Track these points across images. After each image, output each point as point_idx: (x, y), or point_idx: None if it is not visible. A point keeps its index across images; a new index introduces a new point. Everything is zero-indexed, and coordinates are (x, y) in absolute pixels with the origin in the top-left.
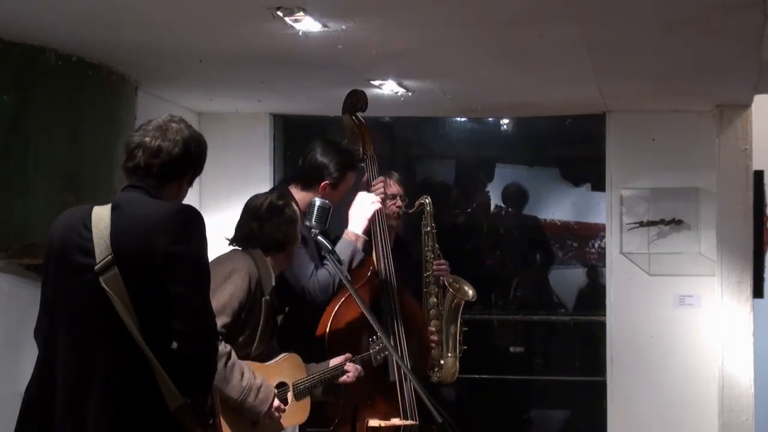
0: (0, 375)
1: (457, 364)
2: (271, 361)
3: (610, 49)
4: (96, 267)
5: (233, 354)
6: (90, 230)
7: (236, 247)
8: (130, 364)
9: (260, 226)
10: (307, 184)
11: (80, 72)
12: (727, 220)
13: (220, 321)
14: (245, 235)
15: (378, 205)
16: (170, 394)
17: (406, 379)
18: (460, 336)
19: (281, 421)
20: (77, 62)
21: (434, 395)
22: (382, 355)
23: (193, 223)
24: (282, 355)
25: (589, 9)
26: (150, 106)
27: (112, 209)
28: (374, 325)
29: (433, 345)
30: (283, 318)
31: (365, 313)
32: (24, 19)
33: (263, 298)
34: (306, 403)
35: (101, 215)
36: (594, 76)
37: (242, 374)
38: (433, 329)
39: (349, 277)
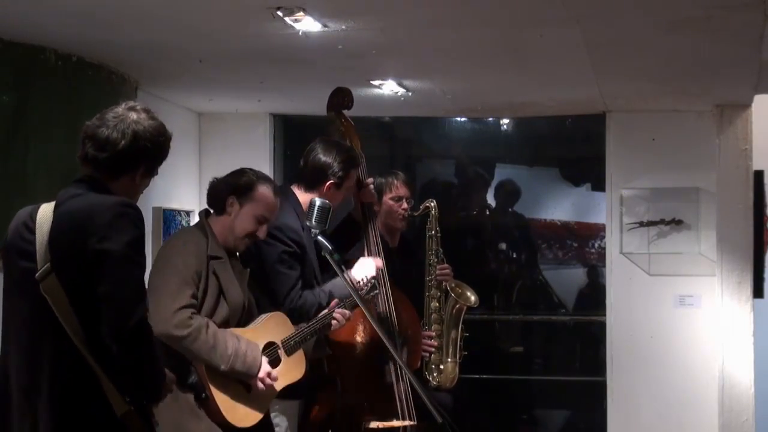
0: None
1: (457, 369)
2: (254, 324)
3: (610, 49)
4: (36, 275)
5: (211, 324)
6: (33, 232)
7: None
8: (73, 371)
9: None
10: (311, 185)
11: (80, 72)
12: (727, 220)
13: (189, 291)
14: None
15: (378, 269)
16: (116, 399)
17: (402, 380)
18: (460, 341)
19: (277, 382)
20: (77, 62)
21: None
22: (372, 293)
23: (124, 218)
24: (265, 316)
25: (590, 9)
26: (150, 106)
27: (55, 207)
28: (375, 327)
29: (432, 349)
30: None
31: (366, 314)
32: (24, 19)
33: (217, 260)
34: (300, 358)
35: (45, 216)
36: (594, 76)
37: (226, 342)
38: (434, 333)
39: (349, 279)
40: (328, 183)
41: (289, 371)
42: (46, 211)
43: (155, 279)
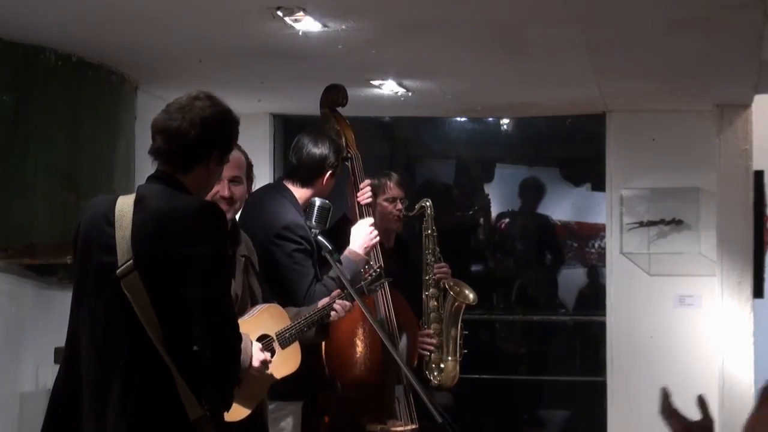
0: (0, 375)
1: (458, 368)
2: (248, 315)
3: (610, 49)
4: (118, 271)
5: None
6: (113, 226)
7: None
8: (149, 371)
9: None
10: (308, 180)
11: (80, 72)
12: (727, 220)
13: None
14: None
15: (376, 239)
16: (190, 403)
17: (402, 382)
18: (460, 340)
19: (271, 372)
20: (77, 62)
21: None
22: (376, 285)
23: (212, 223)
24: (259, 307)
25: (590, 9)
26: (150, 106)
27: (135, 203)
28: (376, 327)
29: (432, 348)
30: None
31: (367, 314)
32: (24, 19)
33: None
34: (295, 350)
35: (124, 210)
36: (594, 76)
37: None
38: (433, 332)
39: (348, 277)
40: (326, 175)
41: (283, 364)
42: (125, 205)
43: None
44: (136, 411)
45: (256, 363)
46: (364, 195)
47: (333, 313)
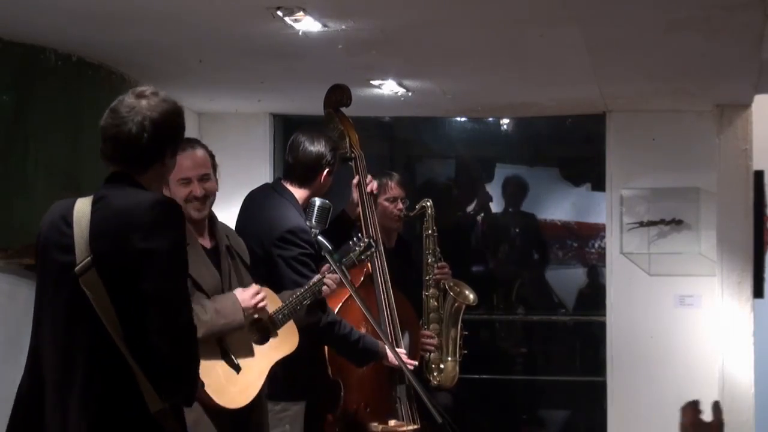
0: (0, 375)
1: (457, 368)
2: None
3: (610, 49)
4: (76, 269)
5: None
6: (71, 226)
7: None
8: (110, 367)
9: None
10: (306, 179)
11: (80, 72)
12: (727, 220)
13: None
14: None
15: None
16: (151, 397)
17: (404, 382)
18: (460, 340)
19: (270, 356)
20: (77, 62)
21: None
22: (365, 255)
23: (167, 217)
24: None
25: (589, 9)
26: None
27: (93, 203)
28: (375, 327)
29: (432, 349)
30: None
31: (366, 314)
32: (24, 19)
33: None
34: (292, 330)
35: (83, 211)
36: (594, 76)
37: (200, 311)
38: (433, 333)
39: (349, 277)
40: (324, 173)
41: (282, 345)
42: (83, 206)
43: None
44: (97, 409)
45: (247, 304)
46: (372, 186)
47: (325, 288)
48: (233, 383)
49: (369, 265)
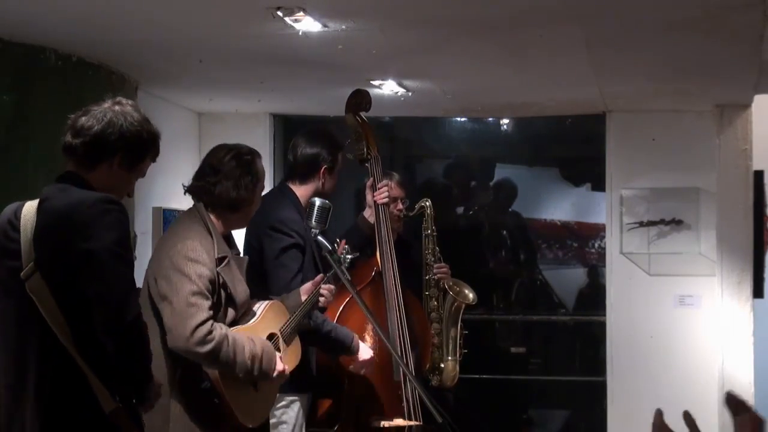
0: None
1: (457, 367)
2: (257, 318)
3: (610, 49)
4: (21, 274)
5: (230, 333)
6: (18, 230)
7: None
8: (61, 369)
9: (216, 182)
10: (305, 177)
11: (80, 72)
12: (727, 220)
13: (206, 304)
14: (197, 188)
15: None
16: (104, 397)
17: (407, 379)
18: (460, 339)
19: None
20: (77, 62)
21: (435, 397)
22: (350, 257)
23: (107, 216)
24: (263, 306)
25: (589, 9)
26: (150, 106)
27: (38, 205)
28: (376, 327)
29: (432, 348)
30: None
31: (366, 315)
32: (24, 19)
33: (222, 262)
34: (297, 344)
35: (29, 214)
36: (594, 76)
37: (244, 349)
38: (433, 332)
39: (350, 278)
40: (321, 170)
41: (288, 360)
42: (29, 209)
43: (166, 288)
44: (50, 411)
45: (276, 373)
46: (381, 195)
47: (321, 299)
48: (252, 401)
49: (378, 263)
